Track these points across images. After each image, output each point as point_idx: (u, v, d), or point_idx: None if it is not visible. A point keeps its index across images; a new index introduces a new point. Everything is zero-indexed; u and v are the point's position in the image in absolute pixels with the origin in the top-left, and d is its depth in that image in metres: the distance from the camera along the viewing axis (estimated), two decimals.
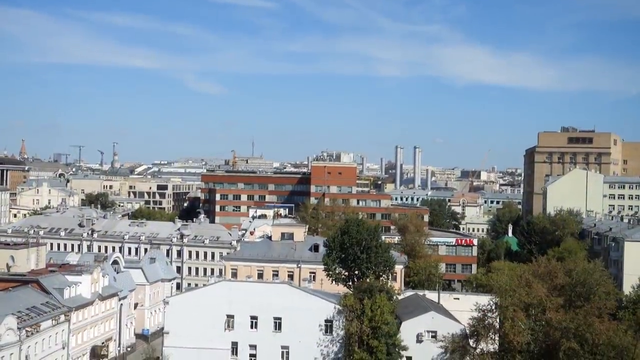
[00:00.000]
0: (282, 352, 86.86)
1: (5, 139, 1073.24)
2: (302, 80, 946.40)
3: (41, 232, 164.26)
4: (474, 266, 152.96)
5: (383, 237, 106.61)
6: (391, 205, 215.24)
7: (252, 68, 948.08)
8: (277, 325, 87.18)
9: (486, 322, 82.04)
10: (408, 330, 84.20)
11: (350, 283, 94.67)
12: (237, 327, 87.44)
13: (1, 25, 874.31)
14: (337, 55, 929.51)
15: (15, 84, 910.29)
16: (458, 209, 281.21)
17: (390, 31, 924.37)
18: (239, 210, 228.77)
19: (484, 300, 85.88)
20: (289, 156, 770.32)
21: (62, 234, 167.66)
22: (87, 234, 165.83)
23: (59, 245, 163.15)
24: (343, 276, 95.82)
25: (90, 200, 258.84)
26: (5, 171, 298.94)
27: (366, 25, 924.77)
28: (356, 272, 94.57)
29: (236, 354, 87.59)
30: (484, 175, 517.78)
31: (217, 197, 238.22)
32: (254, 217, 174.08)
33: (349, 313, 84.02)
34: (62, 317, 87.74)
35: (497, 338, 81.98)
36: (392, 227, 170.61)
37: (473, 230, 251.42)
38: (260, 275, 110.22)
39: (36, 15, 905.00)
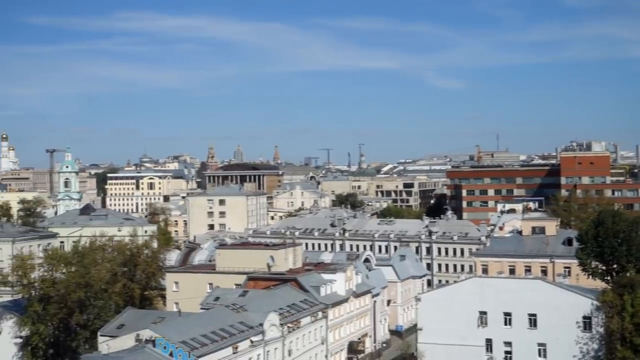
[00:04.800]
0: (539, 350, 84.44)
1: (260, 146, 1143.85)
2: (545, 68, 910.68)
3: (296, 233, 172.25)
4: None
5: None
6: None
7: (493, 60, 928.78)
8: (532, 321, 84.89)
9: None
10: None
11: (609, 278, 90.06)
12: (491, 324, 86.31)
13: (254, 39, 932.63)
14: (580, 40, 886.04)
15: (268, 93, 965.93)
16: None
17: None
18: (486, 206, 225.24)
19: None
20: (536, 148, 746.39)
21: (316, 234, 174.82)
22: (339, 233, 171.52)
23: (313, 244, 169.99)
24: (600, 270, 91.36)
25: (340, 200, 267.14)
26: (261, 176, 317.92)
27: (612, 5, 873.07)
28: (614, 266, 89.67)
29: (491, 351, 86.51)
30: None
31: (464, 192, 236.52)
32: (502, 212, 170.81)
33: (609, 309, 79.94)
34: (320, 314, 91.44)
35: None
36: None
37: None
38: (511, 271, 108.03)
39: (284, 28, 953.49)
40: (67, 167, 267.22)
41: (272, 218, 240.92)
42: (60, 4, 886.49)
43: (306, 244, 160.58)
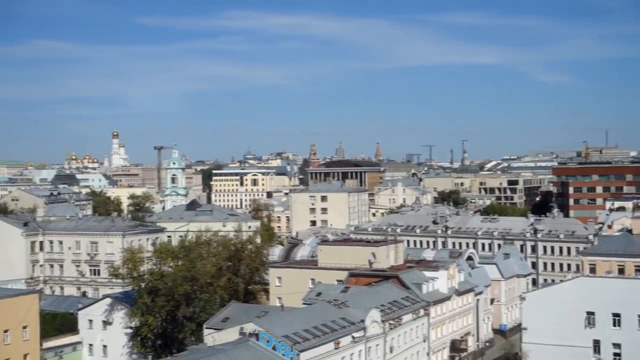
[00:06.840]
0: None
1: (362, 143, 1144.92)
2: None
3: (398, 230, 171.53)
4: None
5: None
6: None
7: (601, 54, 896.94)
8: None
9: None
10: None
11: None
12: (599, 325, 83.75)
13: (356, 35, 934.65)
14: None
15: (369, 89, 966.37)
16: None
17: None
18: (594, 203, 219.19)
19: None
20: None
21: (417, 231, 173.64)
22: (441, 230, 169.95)
23: (414, 242, 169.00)
24: None
25: (443, 197, 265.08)
26: (363, 173, 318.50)
27: None
28: None
29: (599, 352, 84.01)
30: None
31: (571, 190, 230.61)
32: (611, 210, 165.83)
33: None
34: (422, 311, 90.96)
35: None
36: None
37: None
38: (620, 271, 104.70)
39: (386, 24, 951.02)
40: (174, 163, 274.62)
41: (374, 215, 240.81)
42: (168, 5, 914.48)
43: (408, 241, 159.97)
